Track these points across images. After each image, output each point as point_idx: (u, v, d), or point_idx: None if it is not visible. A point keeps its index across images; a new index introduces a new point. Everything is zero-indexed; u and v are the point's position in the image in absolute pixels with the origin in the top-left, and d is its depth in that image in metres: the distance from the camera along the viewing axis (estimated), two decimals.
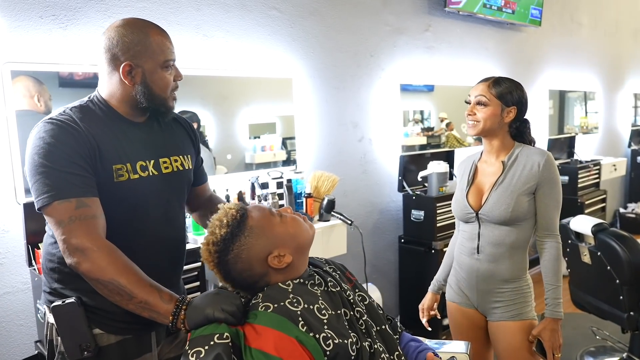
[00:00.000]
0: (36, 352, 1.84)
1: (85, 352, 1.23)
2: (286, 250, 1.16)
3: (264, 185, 2.46)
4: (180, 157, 1.39)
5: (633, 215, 5.53)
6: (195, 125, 2.42)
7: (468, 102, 1.75)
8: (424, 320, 1.97)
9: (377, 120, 3.15)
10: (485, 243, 1.72)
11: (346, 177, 2.97)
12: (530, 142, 1.76)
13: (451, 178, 3.32)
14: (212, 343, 1.03)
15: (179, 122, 1.46)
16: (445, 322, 3.14)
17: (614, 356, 2.85)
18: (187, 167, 1.41)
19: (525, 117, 1.75)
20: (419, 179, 3.15)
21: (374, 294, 2.87)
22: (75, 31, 1.98)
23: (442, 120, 3.77)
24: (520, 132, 1.75)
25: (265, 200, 2.39)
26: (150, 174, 1.30)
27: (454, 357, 1.22)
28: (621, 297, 2.30)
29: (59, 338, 1.25)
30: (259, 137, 2.64)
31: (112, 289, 1.14)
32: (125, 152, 1.26)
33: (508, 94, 1.68)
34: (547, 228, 1.68)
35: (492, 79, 1.72)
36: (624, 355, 2.72)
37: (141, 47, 1.22)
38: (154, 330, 1.35)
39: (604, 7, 5.40)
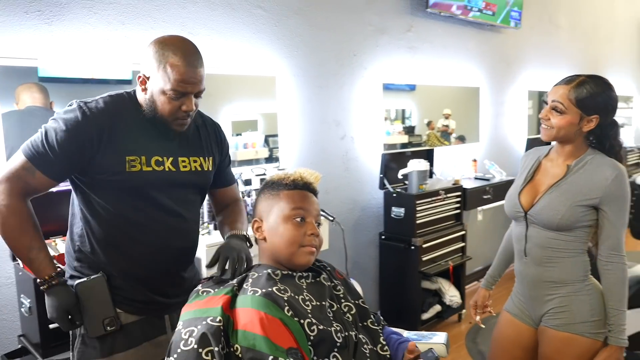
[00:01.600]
0: (19, 346, 1.86)
1: (109, 327, 1.33)
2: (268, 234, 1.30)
3: (247, 182, 2.50)
4: (200, 158, 1.46)
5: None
6: None
7: (545, 102, 1.58)
8: (477, 318, 1.82)
9: (359, 118, 3.20)
10: (533, 245, 1.60)
11: (328, 175, 3.02)
12: (613, 148, 1.55)
13: (431, 176, 3.40)
14: (204, 323, 1.09)
15: (206, 124, 1.52)
16: (425, 316, 3.23)
17: None
18: (206, 169, 1.47)
19: (612, 120, 1.56)
20: (400, 177, 3.22)
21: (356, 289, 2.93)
22: (61, 27, 1.98)
23: (446, 117, 3.87)
24: (601, 141, 1.56)
25: (249, 196, 2.43)
26: (167, 169, 1.37)
27: (431, 349, 1.27)
28: None
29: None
30: (240, 135, 2.67)
31: (10, 244, 1.31)
32: (141, 145, 1.34)
33: (590, 100, 1.49)
34: (614, 248, 1.50)
35: (576, 80, 1.52)
36: None
37: (155, 67, 1.29)
38: (168, 314, 1.44)
39: (581, 9, 5.54)
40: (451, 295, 3.34)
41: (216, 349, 1.06)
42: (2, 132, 1.85)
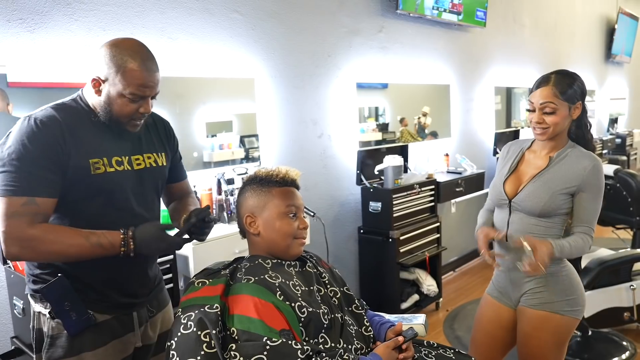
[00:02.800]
0: (12, 347, 1.90)
1: (85, 323, 1.34)
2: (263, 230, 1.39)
3: (230, 181, 2.57)
4: (154, 154, 1.49)
5: None
6: None
7: (531, 110, 1.67)
8: (486, 257, 1.71)
9: (335, 117, 3.31)
10: (514, 231, 1.70)
11: (307, 172, 3.11)
12: (588, 140, 1.70)
13: (405, 171, 3.53)
14: (202, 310, 1.18)
15: (155, 122, 1.55)
16: (404, 306, 3.36)
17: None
18: (160, 164, 1.51)
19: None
20: (376, 172, 3.34)
21: None
22: (43, 34, 2.03)
23: (424, 115, 4.04)
24: (579, 125, 1.70)
25: (232, 195, 2.51)
26: (125, 168, 1.40)
27: (411, 327, 1.38)
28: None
29: (53, 321, 1.34)
30: (215, 136, 2.70)
31: (62, 255, 1.27)
32: (102, 147, 1.36)
33: (571, 90, 1.62)
34: (585, 225, 1.63)
35: (552, 78, 1.64)
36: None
37: (113, 70, 1.30)
38: (135, 311, 1.46)
39: (543, 8, 5.78)
40: (428, 284, 3.48)
41: (213, 331, 1.15)
42: None
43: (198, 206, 1.60)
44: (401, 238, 3.25)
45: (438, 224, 3.59)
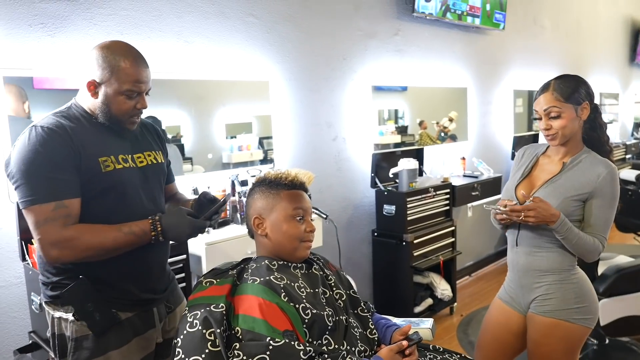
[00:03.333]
0: (30, 341, 1.95)
1: (110, 321, 1.38)
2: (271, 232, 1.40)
3: (244, 183, 2.60)
4: (153, 152, 1.55)
5: None
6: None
7: (537, 119, 1.67)
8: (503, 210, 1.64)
9: (351, 120, 3.32)
10: (524, 236, 1.69)
11: (321, 174, 3.13)
12: (604, 142, 1.68)
13: (420, 174, 3.52)
14: (207, 309, 1.21)
15: (146, 125, 1.61)
16: (417, 309, 3.34)
17: None
18: (160, 161, 1.57)
19: (594, 105, 1.67)
20: (391, 176, 3.34)
21: None
22: (63, 38, 2.09)
23: (450, 120, 4.04)
24: (593, 127, 1.68)
25: (245, 196, 2.53)
26: (131, 165, 1.45)
27: (416, 332, 1.38)
28: None
29: (77, 323, 1.36)
30: (235, 137, 2.75)
31: (101, 247, 1.31)
32: (107, 146, 1.40)
33: (573, 91, 1.61)
34: (597, 231, 1.59)
35: (552, 84, 1.64)
36: None
37: (108, 71, 1.35)
38: (155, 307, 1.51)
39: (565, 10, 5.69)
40: (442, 289, 3.46)
41: (218, 330, 1.17)
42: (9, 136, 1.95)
43: (188, 200, 1.68)
44: (415, 241, 3.24)
45: (453, 227, 3.57)
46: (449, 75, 4.10)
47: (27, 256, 1.89)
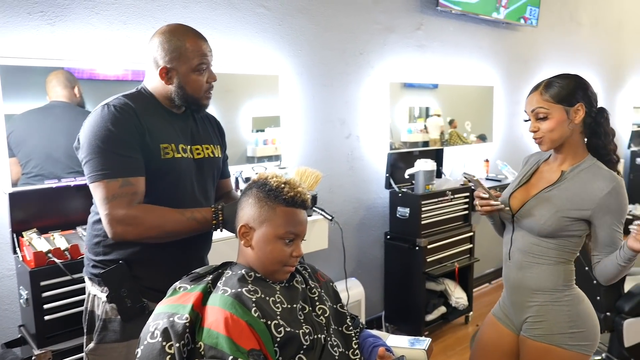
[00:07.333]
0: (19, 335, 1.92)
1: (139, 311, 1.39)
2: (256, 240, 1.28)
3: (248, 180, 2.52)
4: (211, 145, 1.57)
5: (630, 217, 5.53)
6: None
7: (527, 120, 1.55)
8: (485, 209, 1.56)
9: (366, 117, 3.19)
10: (515, 249, 1.59)
11: (332, 173, 3.02)
12: (611, 150, 1.51)
13: (439, 176, 3.36)
14: (170, 319, 1.13)
15: (207, 117, 1.64)
16: (429, 317, 3.20)
17: (595, 355, 2.89)
18: (217, 155, 1.59)
19: (600, 108, 1.53)
20: (406, 177, 3.20)
21: (357, 289, 2.92)
22: (63, 27, 2.04)
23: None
24: (595, 131, 1.51)
25: None
26: (188, 156, 1.48)
27: (403, 355, 1.27)
28: (598, 298, 2.39)
29: (108, 305, 1.40)
30: (263, 131, 2.69)
31: (162, 229, 1.35)
32: (169, 134, 1.44)
33: (565, 91, 1.47)
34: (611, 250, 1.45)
35: (543, 83, 1.51)
36: (603, 355, 2.77)
37: (177, 53, 1.40)
38: None
39: (605, 6, 5.37)
40: (457, 297, 3.30)
41: (176, 344, 1.08)
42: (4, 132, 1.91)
43: None
44: (429, 247, 3.10)
45: (471, 233, 3.40)
46: (475, 72, 3.90)
47: (18, 249, 1.86)
